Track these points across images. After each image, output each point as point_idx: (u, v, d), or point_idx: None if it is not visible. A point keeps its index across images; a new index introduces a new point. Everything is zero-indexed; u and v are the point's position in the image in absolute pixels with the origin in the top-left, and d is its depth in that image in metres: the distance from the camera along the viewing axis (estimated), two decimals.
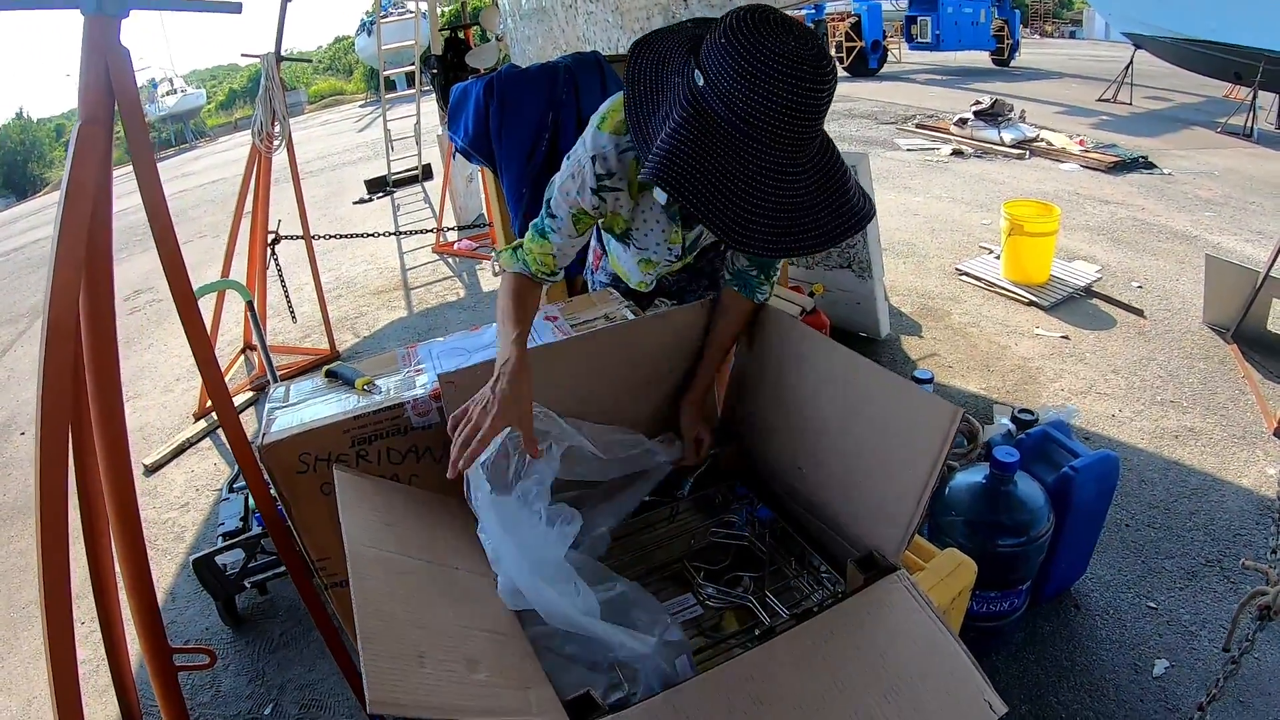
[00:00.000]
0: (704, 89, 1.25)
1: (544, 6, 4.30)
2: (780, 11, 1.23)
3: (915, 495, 1.35)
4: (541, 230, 1.71)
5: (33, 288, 9.43)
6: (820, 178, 1.30)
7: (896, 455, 1.41)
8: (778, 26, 1.19)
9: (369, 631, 1.07)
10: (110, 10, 1.65)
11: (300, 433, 1.64)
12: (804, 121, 1.22)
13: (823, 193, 1.30)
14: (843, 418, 1.59)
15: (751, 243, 1.27)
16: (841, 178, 1.33)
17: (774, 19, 1.20)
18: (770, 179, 1.26)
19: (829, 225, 1.30)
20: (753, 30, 1.18)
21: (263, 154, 4.74)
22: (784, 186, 1.27)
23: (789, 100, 1.18)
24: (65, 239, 1.58)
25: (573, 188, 1.62)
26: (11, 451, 4.92)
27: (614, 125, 1.56)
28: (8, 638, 3.18)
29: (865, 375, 1.55)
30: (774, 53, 1.16)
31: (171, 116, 30.05)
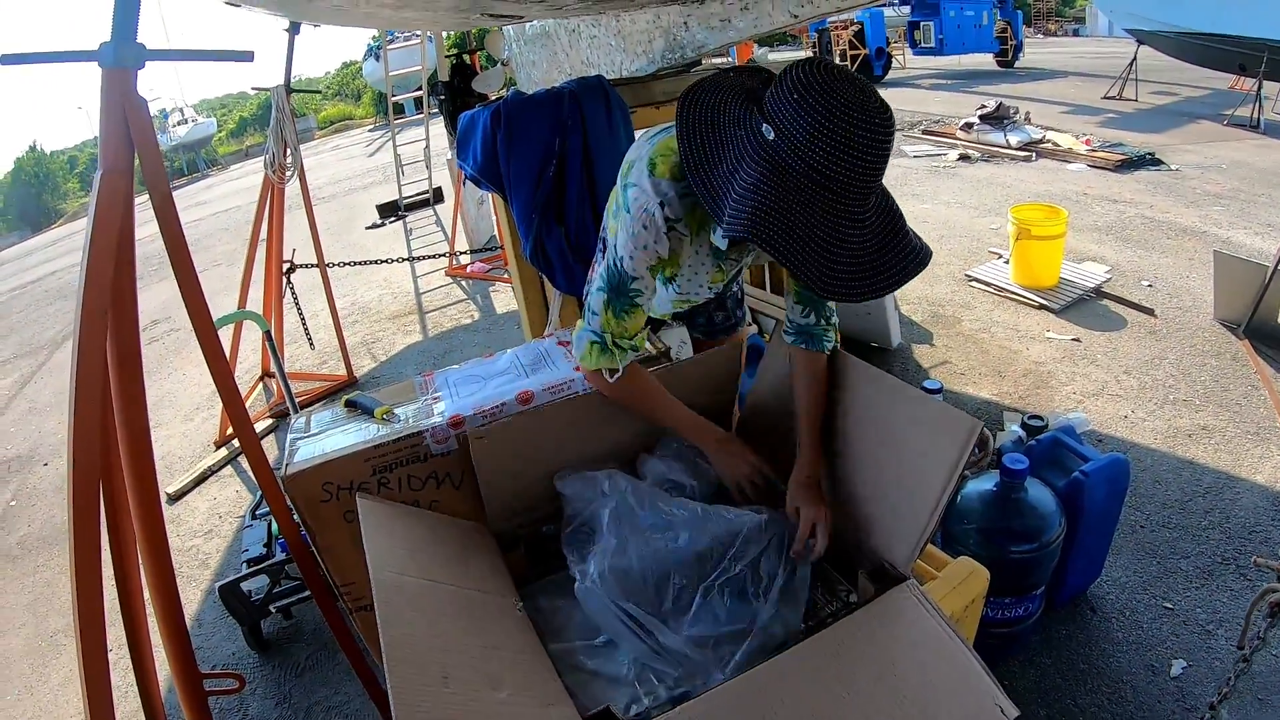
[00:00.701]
0: (776, 143, 1.27)
1: (548, 31, 4.35)
2: (836, 63, 1.28)
3: (930, 506, 1.38)
4: (630, 299, 1.65)
5: (51, 319, 9.55)
6: (884, 219, 1.34)
7: (913, 467, 1.44)
8: (844, 79, 1.22)
9: (395, 654, 1.11)
10: (127, 63, 1.70)
11: (322, 462, 1.68)
12: (878, 169, 1.27)
13: (889, 234, 1.34)
14: (858, 430, 1.62)
15: (839, 290, 1.30)
16: (899, 218, 1.36)
17: (838, 72, 1.23)
18: (847, 226, 1.29)
19: (898, 266, 1.33)
20: (825, 86, 1.21)
21: (276, 185, 4.80)
22: (858, 232, 1.30)
23: (866, 150, 1.22)
24: (91, 284, 1.63)
25: (647, 239, 1.57)
26: (35, 482, 4.98)
27: (669, 170, 1.53)
28: (38, 666, 3.23)
29: (882, 387, 1.58)
30: (848, 105, 1.20)
31: (183, 146, 30.28)
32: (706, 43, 3.14)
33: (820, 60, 1.26)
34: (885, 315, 4.34)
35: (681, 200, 1.55)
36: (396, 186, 10.13)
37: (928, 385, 2.74)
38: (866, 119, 1.20)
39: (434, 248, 8.27)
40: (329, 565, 1.78)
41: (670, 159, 1.53)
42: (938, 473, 1.37)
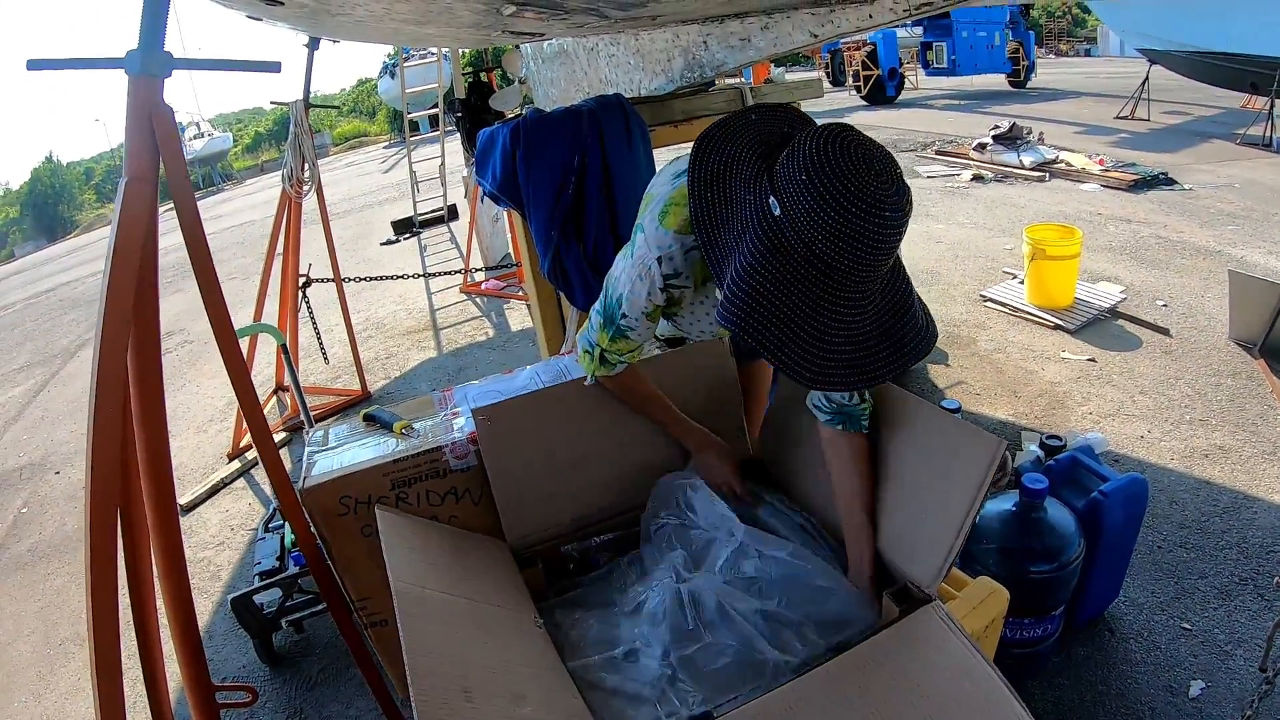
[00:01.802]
0: (781, 220, 1.20)
1: (566, 50, 4.37)
2: (856, 134, 1.18)
3: (955, 526, 1.36)
4: (621, 332, 1.64)
5: (66, 328, 9.61)
6: (889, 297, 1.29)
7: (937, 487, 1.43)
8: (859, 163, 1.13)
9: (418, 668, 1.11)
10: (154, 71, 1.72)
11: (340, 476, 1.68)
12: (883, 261, 1.21)
13: (891, 316, 1.29)
14: (880, 448, 1.61)
15: (824, 382, 1.27)
16: (905, 292, 1.31)
17: (855, 152, 1.14)
18: (845, 311, 1.24)
19: (894, 356, 1.30)
20: (836, 171, 1.13)
21: (293, 199, 4.83)
22: (857, 318, 1.26)
23: (874, 244, 1.16)
24: (113, 293, 1.63)
25: (642, 291, 1.56)
26: (46, 490, 5.01)
27: (678, 223, 1.49)
28: (45, 674, 3.23)
29: (905, 407, 1.57)
30: (858, 195, 1.12)
31: (199, 160, 30.47)
32: (725, 62, 3.15)
33: (836, 133, 1.17)
34: None
35: (686, 255, 1.52)
36: (412, 203, 10.17)
37: (946, 405, 2.72)
38: (876, 211, 1.13)
39: (449, 264, 8.31)
40: (345, 579, 1.78)
41: (682, 210, 1.47)
42: (962, 493, 1.36)
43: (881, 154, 1.16)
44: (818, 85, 4.08)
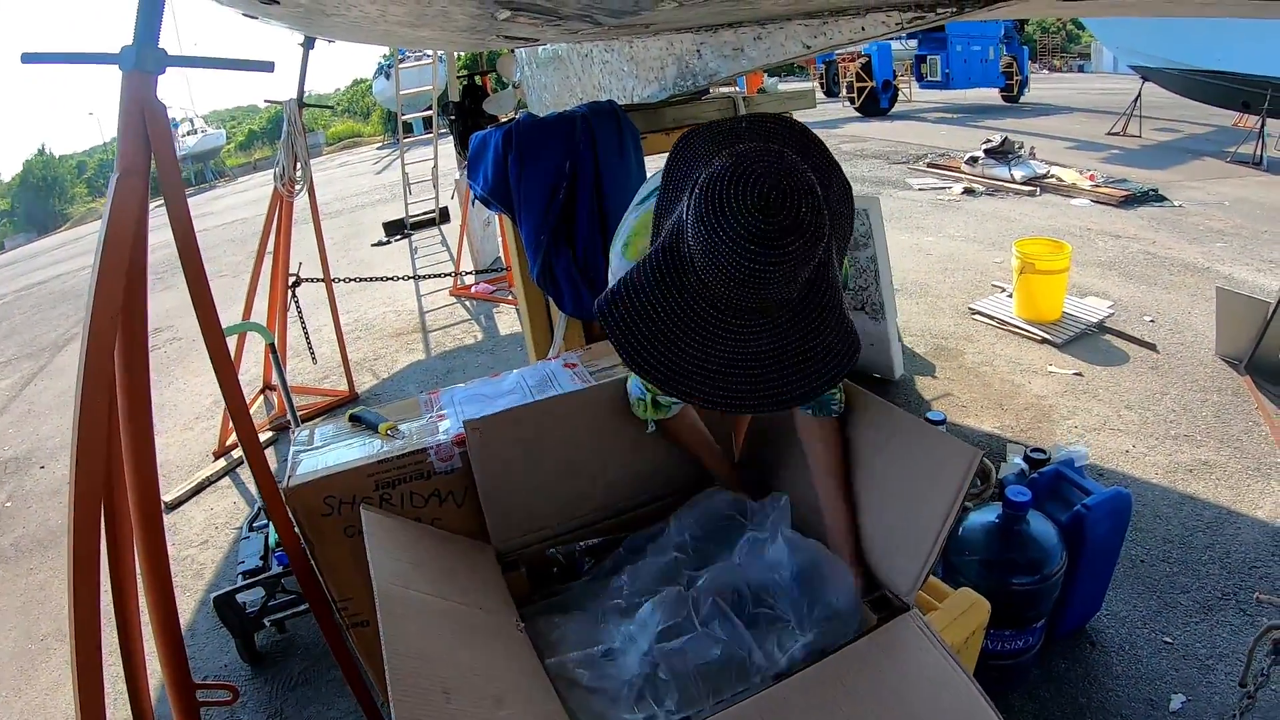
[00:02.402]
0: (683, 226, 1.17)
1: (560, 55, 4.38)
2: (772, 162, 1.10)
3: (932, 535, 1.37)
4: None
5: (54, 322, 9.58)
6: (791, 333, 1.21)
7: (914, 496, 1.44)
8: (747, 193, 1.07)
9: (397, 668, 1.11)
10: (148, 67, 1.72)
11: (325, 476, 1.68)
12: (768, 295, 1.14)
13: (801, 339, 1.21)
14: (861, 458, 1.62)
15: (686, 394, 1.24)
16: (819, 318, 1.21)
17: (749, 182, 1.08)
18: (723, 333, 1.19)
19: (776, 391, 1.22)
20: (721, 195, 1.08)
21: (284, 198, 4.82)
22: (738, 344, 1.20)
23: (754, 282, 1.11)
24: (102, 286, 1.63)
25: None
26: (31, 485, 4.98)
27: (637, 254, 1.45)
28: (26, 669, 3.22)
29: (884, 417, 1.58)
30: (729, 223, 1.08)
31: (192, 156, 30.36)
32: (719, 71, 3.16)
33: (740, 164, 1.10)
34: (888, 347, 4.35)
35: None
36: (403, 205, 10.16)
37: (931, 416, 2.74)
38: (739, 246, 1.08)
39: (439, 267, 8.31)
40: (327, 579, 1.78)
41: (642, 241, 1.46)
42: (939, 502, 1.37)
43: (781, 186, 1.08)
44: (811, 96, 4.10)
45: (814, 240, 1.10)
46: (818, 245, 1.11)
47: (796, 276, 1.12)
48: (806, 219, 1.08)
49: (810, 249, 1.10)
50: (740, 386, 1.21)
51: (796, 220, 1.07)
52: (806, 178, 1.10)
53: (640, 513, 1.95)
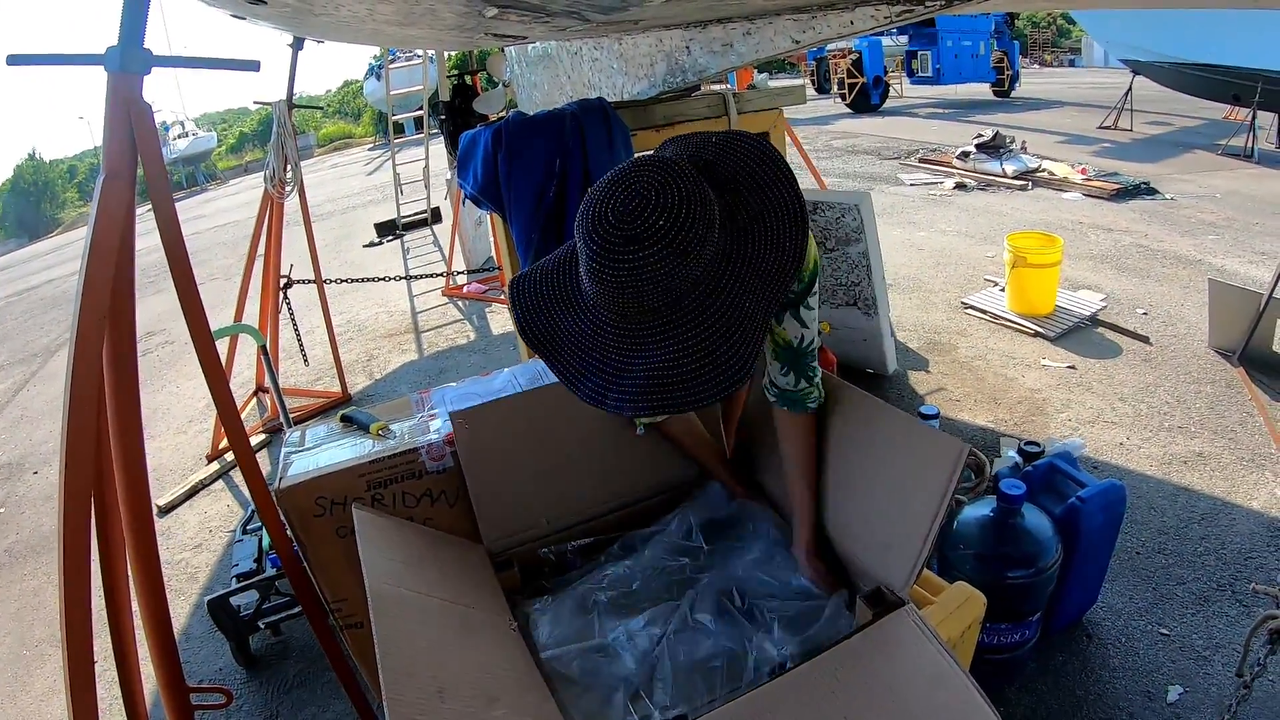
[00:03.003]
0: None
1: (550, 53, 4.37)
2: (652, 174, 1.15)
3: (924, 530, 1.37)
4: None
5: (46, 327, 9.56)
6: (659, 342, 1.22)
7: (905, 491, 1.43)
8: (611, 199, 1.14)
9: (391, 668, 1.10)
10: (134, 68, 1.71)
11: (316, 476, 1.67)
12: (607, 294, 1.19)
13: (663, 365, 1.21)
14: (851, 454, 1.61)
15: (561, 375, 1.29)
16: (688, 347, 1.20)
17: (618, 189, 1.14)
18: (596, 331, 1.25)
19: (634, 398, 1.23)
20: (593, 198, 1.16)
21: (275, 200, 4.81)
22: (604, 342, 1.25)
23: (588, 271, 1.18)
24: (89, 290, 1.62)
25: None
26: (24, 490, 4.96)
27: None
28: (21, 675, 3.20)
29: (873, 412, 1.57)
30: (589, 225, 1.14)
31: (183, 159, 30.33)
32: (708, 67, 3.16)
33: (621, 171, 1.17)
34: (881, 341, 4.35)
35: None
36: (395, 205, 10.14)
37: (925, 411, 2.73)
38: (603, 253, 1.14)
39: (431, 267, 8.29)
40: (320, 581, 1.77)
41: None
42: (929, 497, 1.36)
43: (643, 197, 1.13)
44: (800, 92, 4.10)
45: (671, 253, 1.12)
46: (679, 259, 1.13)
47: (654, 287, 1.14)
48: (663, 232, 1.11)
49: (667, 262, 1.12)
50: (599, 384, 1.25)
51: (648, 231, 1.11)
52: (676, 193, 1.13)
53: (636, 509, 1.94)
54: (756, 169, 1.31)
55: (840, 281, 4.33)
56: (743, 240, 1.23)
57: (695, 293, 1.18)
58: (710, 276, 1.19)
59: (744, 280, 1.21)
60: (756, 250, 1.24)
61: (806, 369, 1.61)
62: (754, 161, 1.32)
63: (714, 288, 1.19)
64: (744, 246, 1.23)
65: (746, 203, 1.27)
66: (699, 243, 1.14)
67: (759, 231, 1.25)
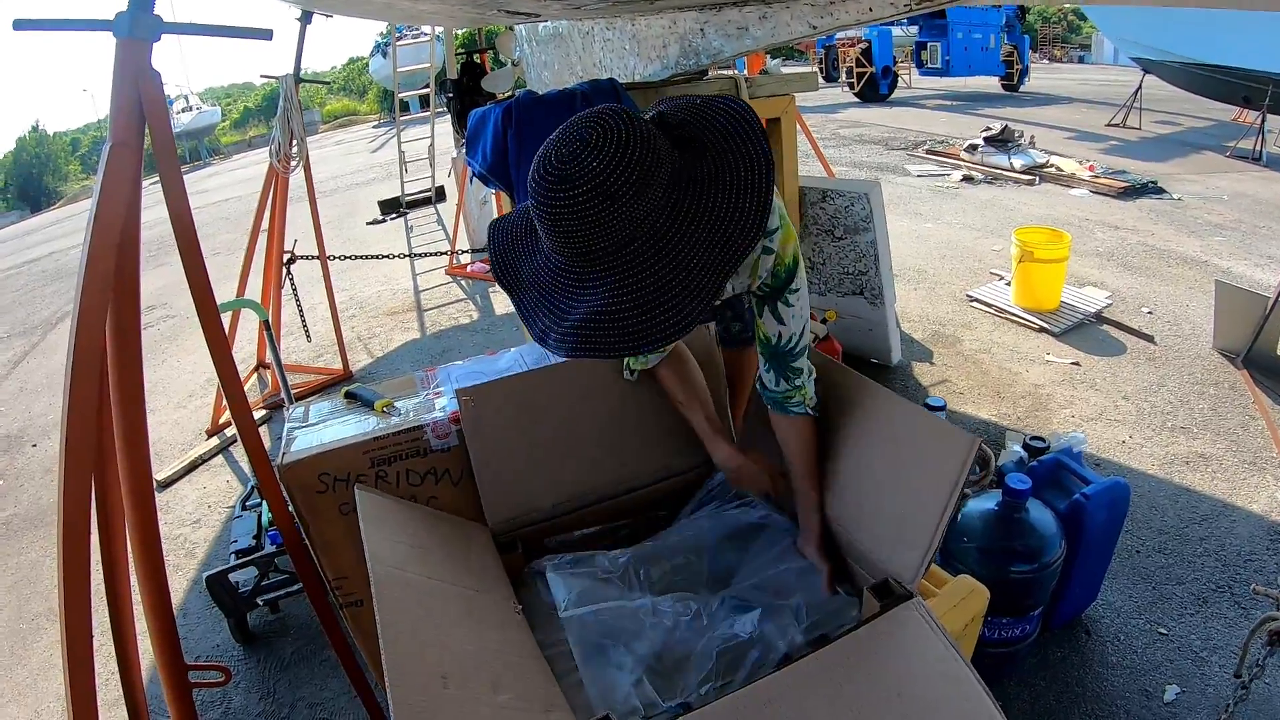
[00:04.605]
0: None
1: (560, 33, 4.34)
2: (593, 123, 1.17)
3: (933, 523, 1.36)
4: None
5: (47, 300, 9.53)
6: (593, 286, 1.24)
7: (915, 483, 1.42)
8: (557, 145, 1.17)
9: (394, 653, 1.09)
10: (143, 34, 1.68)
11: (320, 453, 1.66)
12: (549, 231, 1.22)
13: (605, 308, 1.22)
14: (861, 444, 1.60)
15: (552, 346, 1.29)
16: (624, 290, 1.22)
17: (565, 134, 1.17)
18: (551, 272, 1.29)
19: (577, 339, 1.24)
20: (546, 145, 1.19)
21: (280, 174, 4.78)
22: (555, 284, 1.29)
23: (547, 223, 1.20)
24: (94, 260, 1.60)
25: None
26: (24, 463, 4.96)
27: None
28: (17, 649, 3.20)
29: (883, 403, 1.56)
30: (536, 167, 1.18)
31: (186, 133, 30.18)
32: (722, 50, 3.13)
33: (573, 121, 1.20)
34: (886, 332, 4.34)
35: None
36: (399, 183, 10.11)
37: (931, 402, 2.72)
38: (541, 192, 1.18)
39: (434, 246, 8.28)
40: (322, 558, 1.76)
41: None
42: (939, 489, 1.35)
43: (583, 141, 1.15)
44: (813, 78, 4.06)
45: (600, 196, 1.14)
46: (608, 202, 1.14)
47: (584, 228, 1.17)
48: (594, 173, 1.13)
49: (595, 204, 1.14)
50: (545, 324, 1.29)
51: (580, 172, 1.13)
52: (615, 138, 1.14)
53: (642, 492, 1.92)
54: (728, 131, 1.30)
55: (847, 270, 4.31)
56: (698, 198, 1.23)
57: (636, 242, 1.19)
58: (652, 227, 1.19)
59: (693, 237, 1.21)
60: (712, 209, 1.23)
61: (788, 370, 1.61)
62: (727, 123, 1.31)
63: (658, 240, 1.20)
64: (698, 204, 1.23)
65: (710, 163, 1.27)
66: (633, 189, 1.15)
67: (717, 191, 1.24)
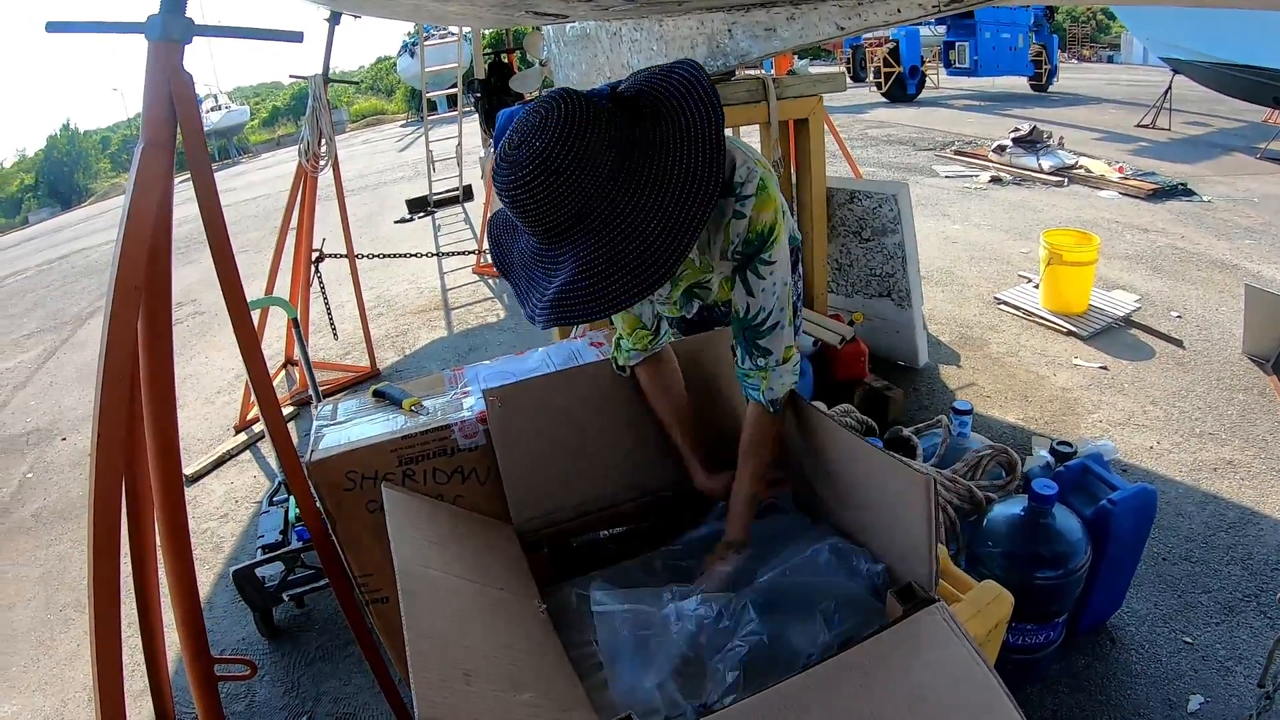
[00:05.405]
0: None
1: (588, 33, 4.34)
2: (544, 103, 1.27)
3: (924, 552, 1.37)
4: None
5: (78, 295, 9.66)
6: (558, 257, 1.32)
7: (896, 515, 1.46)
8: (514, 129, 1.27)
9: (418, 650, 1.10)
10: (175, 35, 1.70)
11: (348, 450, 1.68)
12: (510, 211, 1.31)
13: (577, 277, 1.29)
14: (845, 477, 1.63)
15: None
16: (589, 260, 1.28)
17: (522, 117, 1.28)
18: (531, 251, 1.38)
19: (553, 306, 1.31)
20: (526, 111, 1.29)
21: (308, 173, 4.82)
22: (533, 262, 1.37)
23: (504, 194, 1.28)
24: (125, 258, 1.62)
25: None
26: (53, 456, 5.03)
27: None
28: (45, 639, 3.25)
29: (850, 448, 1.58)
30: (498, 148, 1.29)
31: (216, 132, 30.41)
32: (750, 51, 3.12)
33: (545, 96, 1.30)
34: (913, 334, 4.32)
35: None
36: (427, 182, 10.15)
37: (958, 406, 2.71)
38: (497, 178, 1.28)
39: (462, 245, 8.31)
40: (348, 555, 1.77)
41: None
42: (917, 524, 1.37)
43: (531, 124, 1.25)
44: (841, 79, 4.05)
45: (547, 173, 1.22)
46: (555, 178, 1.22)
47: (538, 206, 1.25)
48: (538, 153, 1.22)
49: (543, 182, 1.23)
50: (534, 301, 1.36)
51: (527, 155, 1.23)
52: (555, 117, 1.23)
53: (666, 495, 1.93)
54: (680, 93, 1.35)
55: (875, 272, 4.30)
56: (652, 162, 1.28)
57: (591, 214, 1.26)
58: (607, 196, 1.25)
59: (648, 201, 1.26)
60: (668, 169, 1.28)
61: (753, 347, 1.65)
62: (679, 85, 1.36)
63: (613, 209, 1.26)
64: (652, 167, 1.28)
65: (665, 126, 1.32)
66: (577, 163, 1.22)
67: (670, 151, 1.29)
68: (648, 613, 1.43)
